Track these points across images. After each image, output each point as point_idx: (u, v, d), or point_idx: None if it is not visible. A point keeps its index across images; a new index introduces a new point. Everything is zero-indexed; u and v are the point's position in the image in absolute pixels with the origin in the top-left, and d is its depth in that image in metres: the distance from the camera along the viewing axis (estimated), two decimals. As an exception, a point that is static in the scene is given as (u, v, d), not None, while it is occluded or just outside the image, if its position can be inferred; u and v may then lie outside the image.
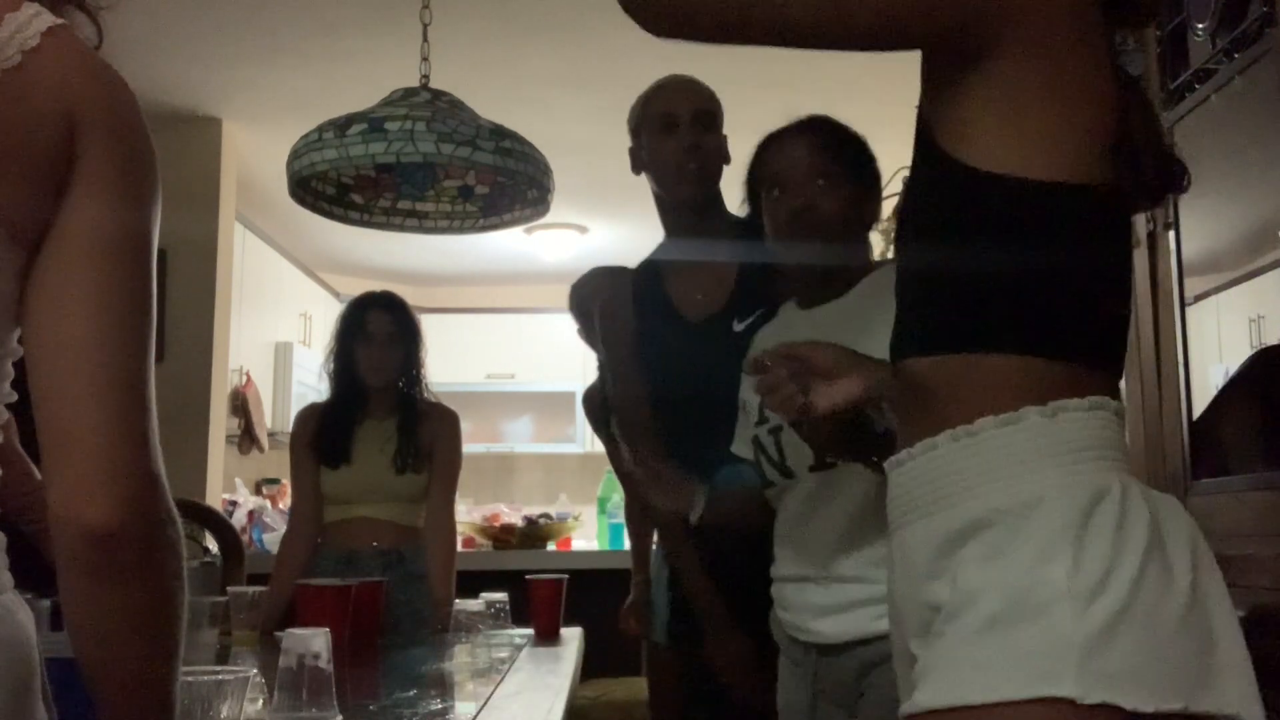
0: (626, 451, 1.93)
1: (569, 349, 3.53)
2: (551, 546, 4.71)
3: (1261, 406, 2.19)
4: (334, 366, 3.09)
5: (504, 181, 2.81)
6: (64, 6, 0.92)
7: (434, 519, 3.02)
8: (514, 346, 6.98)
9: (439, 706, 1.78)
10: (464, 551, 3.90)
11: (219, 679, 1.22)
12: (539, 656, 2.40)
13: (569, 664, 2.27)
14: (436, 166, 2.82)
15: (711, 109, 2.22)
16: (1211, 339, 2.36)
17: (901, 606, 1.14)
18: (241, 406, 5.26)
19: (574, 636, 2.69)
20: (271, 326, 5.83)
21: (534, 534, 4.56)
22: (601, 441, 3.33)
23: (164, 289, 4.08)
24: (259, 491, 5.71)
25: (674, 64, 2.28)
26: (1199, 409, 2.33)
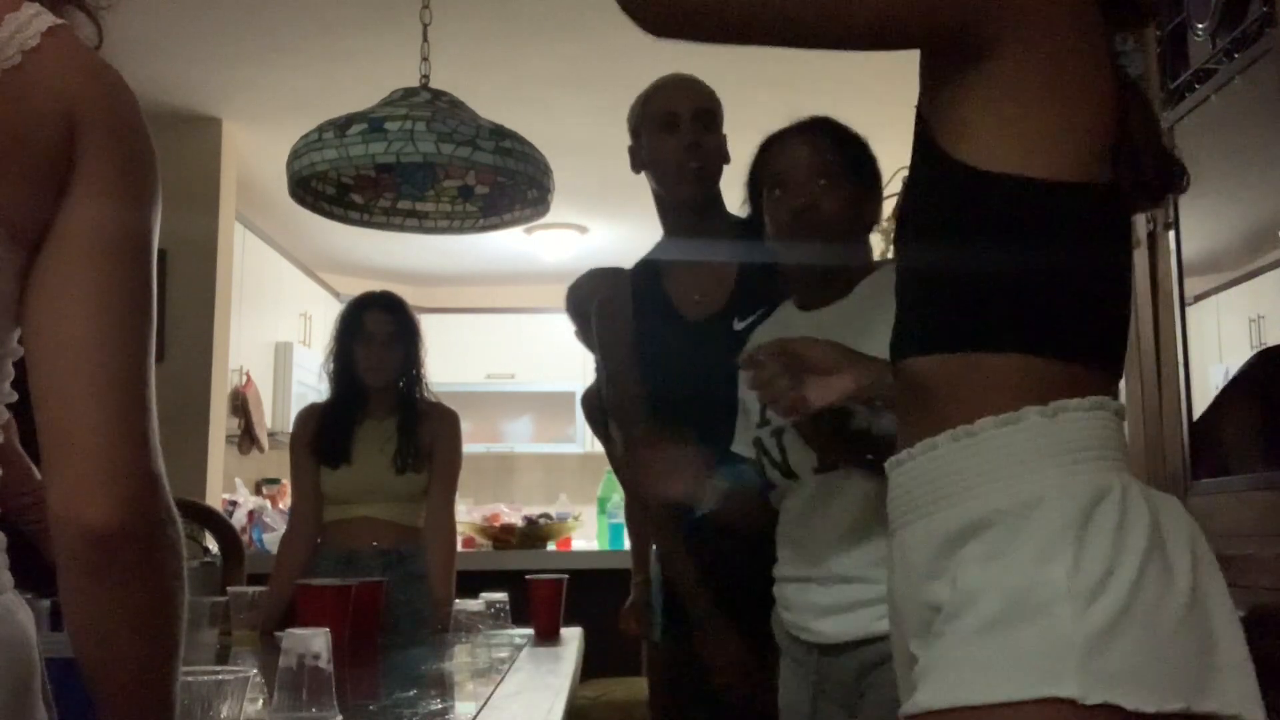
0: (639, 437, 1.89)
1: (569, 349, 3.53)
2: (551, 546, 4.72)
3: (1263, 407, 2.19)
4: (333, 367, 3.09)
5: (504, 181, 2.81)
6: (64, 6, 0.92)
7: (434, 519, 3.02)
8: (514, 346, 6.98)
9: (439, 706, 1.78)
10: (464, 551, 3.91)
11: (219, 679, 1.22)
12: (539, 656, 2.40)
13: (569, 664, 2.27)
14: (436, 166, 2.82)
15: (712, 107, 2.22)
16: (1211, 339, 2.36)
17: (901, 606, 1.14)
18: (241, 406, 5.26)
19: (574, 636, 2.68)
20: (271, 326, 5.83)
21: (534, 534, 4.57)
22: (600, 442, 3.33)
23: (164, 289, 4.08)
24: (259, 491, 5.71)
25: (674, 63, 2.29)
26: (1199, 409, 2.33)
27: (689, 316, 2.18)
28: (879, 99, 3.21)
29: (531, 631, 2.67)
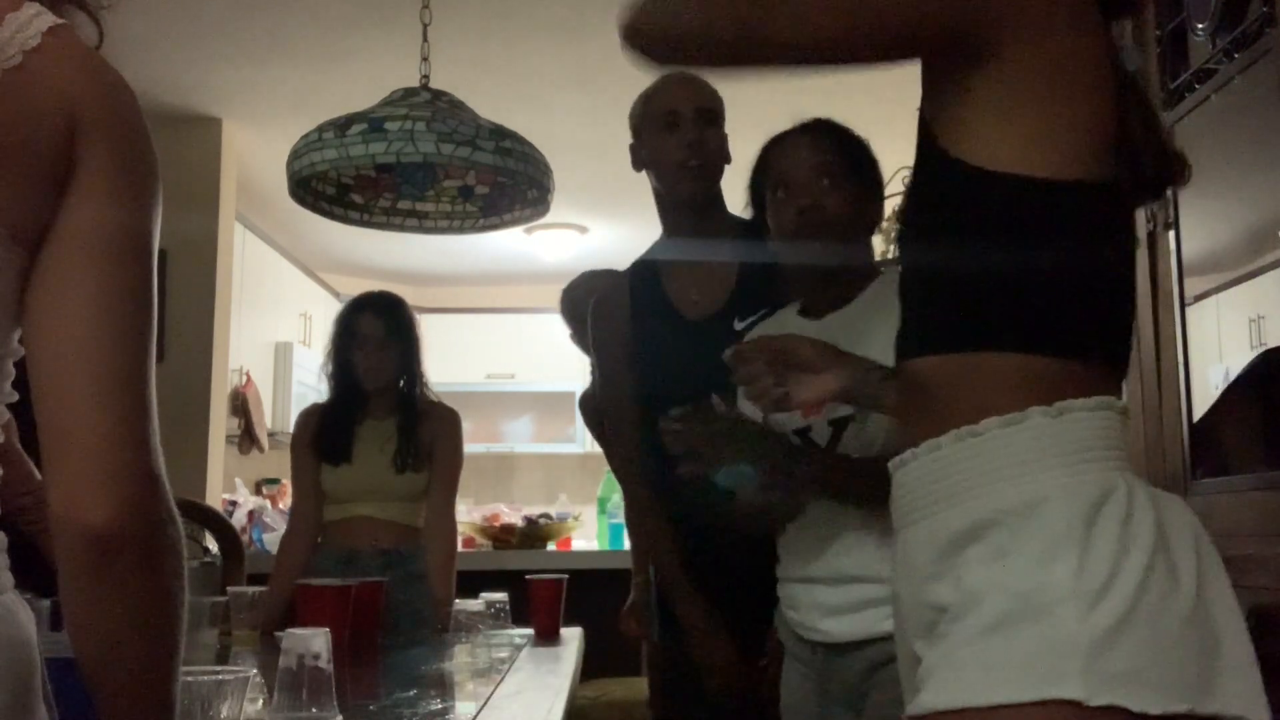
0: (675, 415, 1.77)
1: (569, 349, 3.53)
2: (551, 546, 4.71)
3: (1265, 407, 2.19)
4: (331, 369, 3.09)
5: (504, 181, 2.81)
6: (65, 6, 0.92)
7: (434, 518, 3.02)
8: (514, 346, 6.98)
9: (439, 706, 1.77)
10: (464, 551, 3.90)
11: (219, 679, 1.22)
12: (539, 656, 2.40)
13: (569, 664, 2.27)
14: (436, 166, 2.82)
15: (714, 106, 2.22)
16: (1211, 339, 2.36)
17: (905, 606, 1.14)
18: (241, 406, 5.26)
19: (574, 636, 2.68)
20: (271, 326, 5.83)
21: (534, 534, 4.56)
22: (599, 444, 3.33)
23: (164, 289, 4.08)
24: (259, 491, 5.71)
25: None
26: (1199, 409, 2.33)
27: (688, 316, 2.18)
28: (879, 99, 3.21)
29: (531, 631, 2.67)
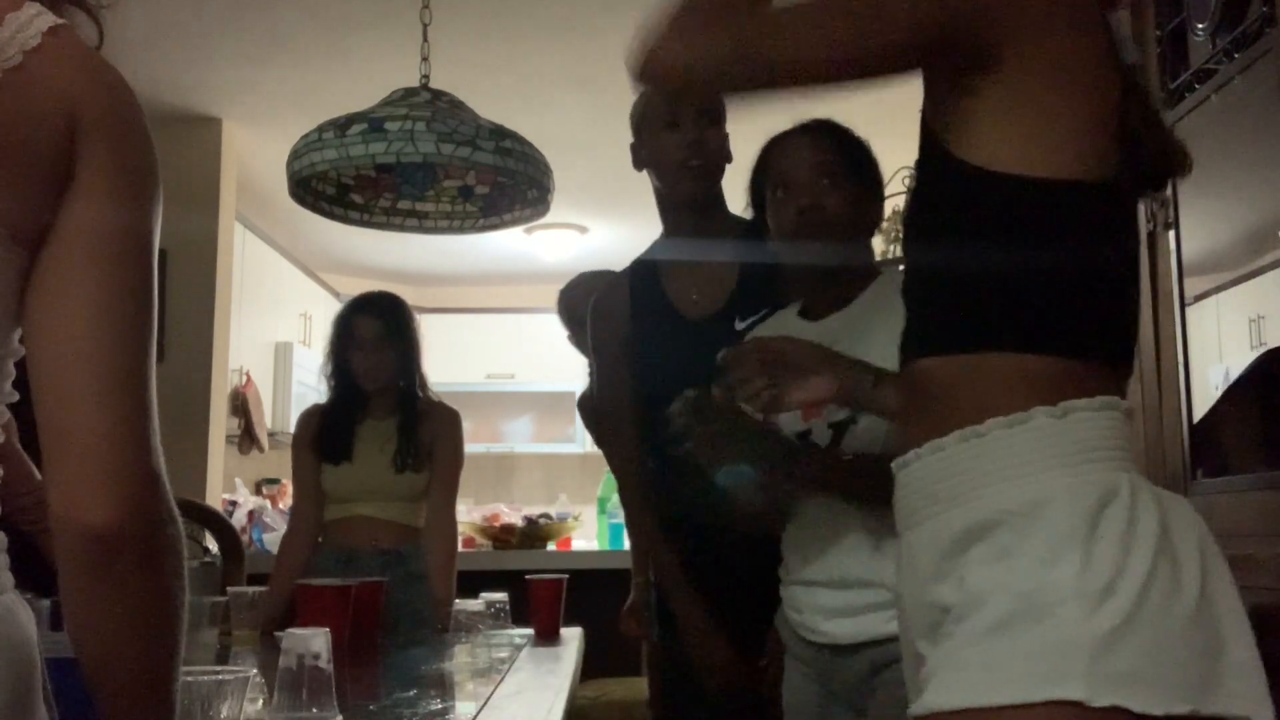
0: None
1: (569, 349, 3.53)
2: (551, 546, 4.71)
3: (1266, 407, 2.19)
4: (330, 371, 3.10)
5: (504, 181, 2.81)
6: (65, 6, 0.92)
7: (435, 518, 3.02)
8: (514, 346, 6.98)
9: (439, 706, 1.77)
10: (464, 551, 3.91)
11: (219, 679, 1.22)
12: (539, 656, 2.40)
13: (569, 664, 2.27)
14: (436, 166, 2.82)
15: (715, 106, 2.22)
16: (1211, 339, 2.36)
17: (909, 607, 1.14)
18: (241, 406, 5.26)
19: (574, 636, 2.68)
20: (271, 326, 5.83)
21: (534, 534, 4.56)
22: (597, 445, 3.33)
23: (164, 289, 4.08)
24: (259, 491, 5.71)
25: (674, 64, 2.28)
26: (1199, 409, 2.33)
27: (689, 316, 2.18)
28: (879, 99, 3.19)
29: (531, 631, 2.67)
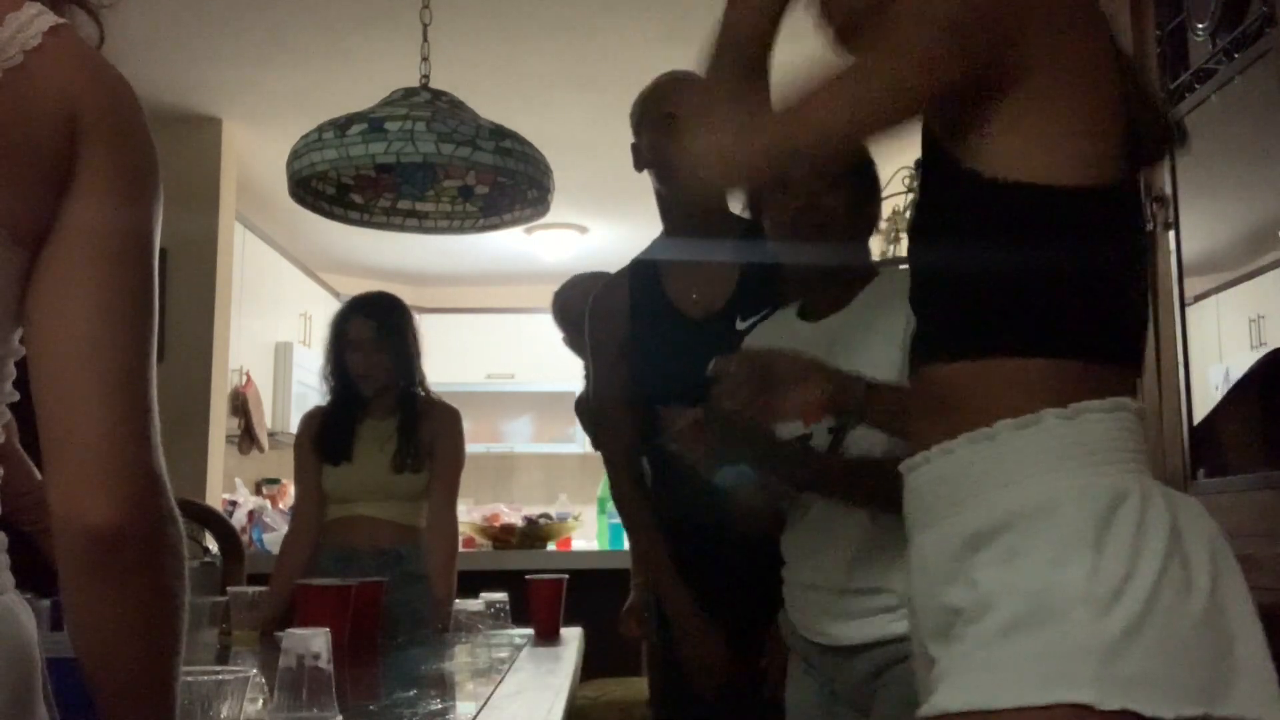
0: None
1: (569, 350, 3.53)
2: (551, 546, 4.71)
3: (1267, 407, 2.19)
4: (328, 373, 3.12)
5: (504, 181, 2.81)
6: (65, 6, 0.92)
7: (435, 518, 3.02)
8: (514, 346, 6.98)
9: (439, 706, 1.77)
10: (464, 551, 3.90)
11: (219, 679, 1.22)
12: (539, 656, 2.40)
13: (569, 664, 2.27)
14: (436, 166, 2.82)
15: None
16: (1211, 339, 2.36)
17: (920, 609, 1.14)
18: (241, 406, 5.26)
19: (574, 636, 2.68)
20: (271, 326, 5.83)
21: (534, 534, 4.56)
22: (594, 446, 3.33)
23: (164, 289, 4.07)
24: (259, 491, 5.71)
25: (675, 63, 2.28)
26: (1199, 409, 2.33)
27: (689, 315, 2.18)
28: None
29: (531, 631, 2.67)
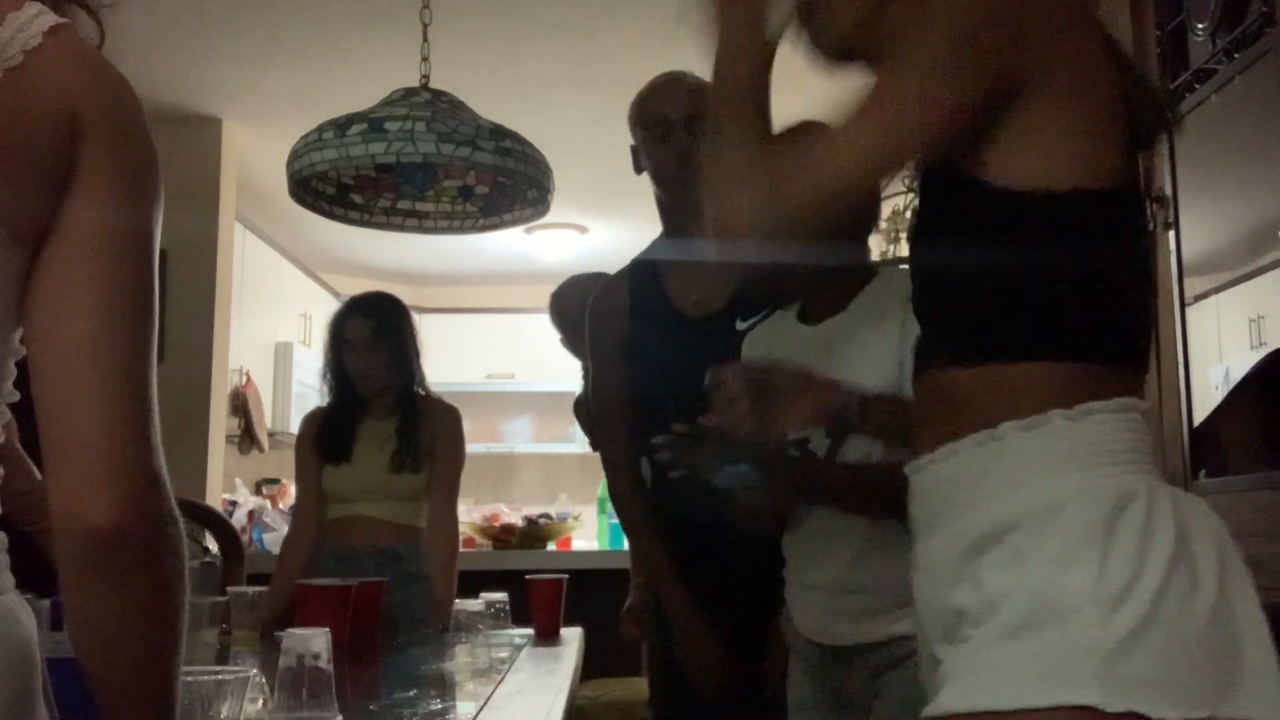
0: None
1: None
2: (551, 546, 4.71)
3: (1267, 407, 2.19)
4: (327, 373, 3.12)
5: (504, 181, 2.81)
6: (66, 5, 0.92)
7: (436, 517, 3.02)
8: (514, 346, 6.98)
9: (439, 706, 1.77)
10: (464, 551, 3.90)
11: (219, 679, 1.22)
12: (539, 656, 2.40)
13: (569, 664, 2.27)
14: (436, 166, 2.82)
15: (704, 110, 2.20)
16: (1211, 339, 2.36)
17: (926, 611, 1.13)
18: (241, 406, 5.26)
19: (574, 636, 2.68)
20: (271, 326, 5.83)
21: (534, 534, 4.57)
22: (592, 447, 3.33)
23: (164, 289, 4.08)
24: (259, 491, 5.71)
25: (675, 63, 2.28)
26: (1199, 408, 2.33)
27: (689, 315, 2.18)
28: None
29: (531, 631, 2.67)
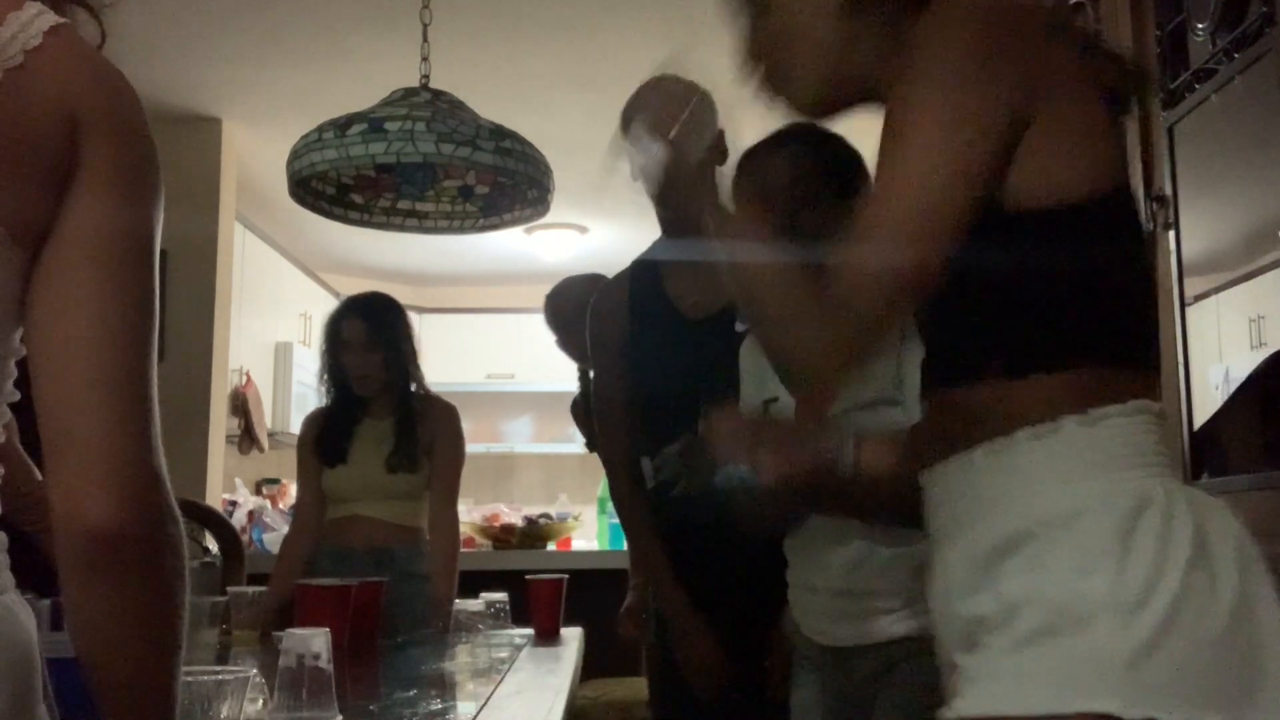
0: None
1: (566, 351, 3.53)
2: (551, 546, 4.72)
3: (1267, 407, 2.19)
4: (325, 375, 3.13)
5: (504, 181, 2.81)
6: (66, 5, 0.91)
7: (436, 516, 3.03)
8: (514, 346, 6.97)
9: (439, 706, 1.78)
10: (464, 551, 3.90)
11: (219, 679, 1.22)
12: (539, 656, 2.40)
13: (569, 664, 2.27)
14: (436, 166, 2.82)
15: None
16: (1211, 339, 2.36)
17: (943, 620, 1.13)
18: (241, 406, 5.26)
19: (574, 636, 2.69)
20: (271, 326, 5.83)
21: (534, 534, 4.57)
22: (588, 448, 3.33)
23: (164, 289, 4.07)
24: (259, 491, 5.71)
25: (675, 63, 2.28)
26: (1199, 409, 2.33)
27: (690, 316, 2.18)
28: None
29: (531, 631, 2.67)
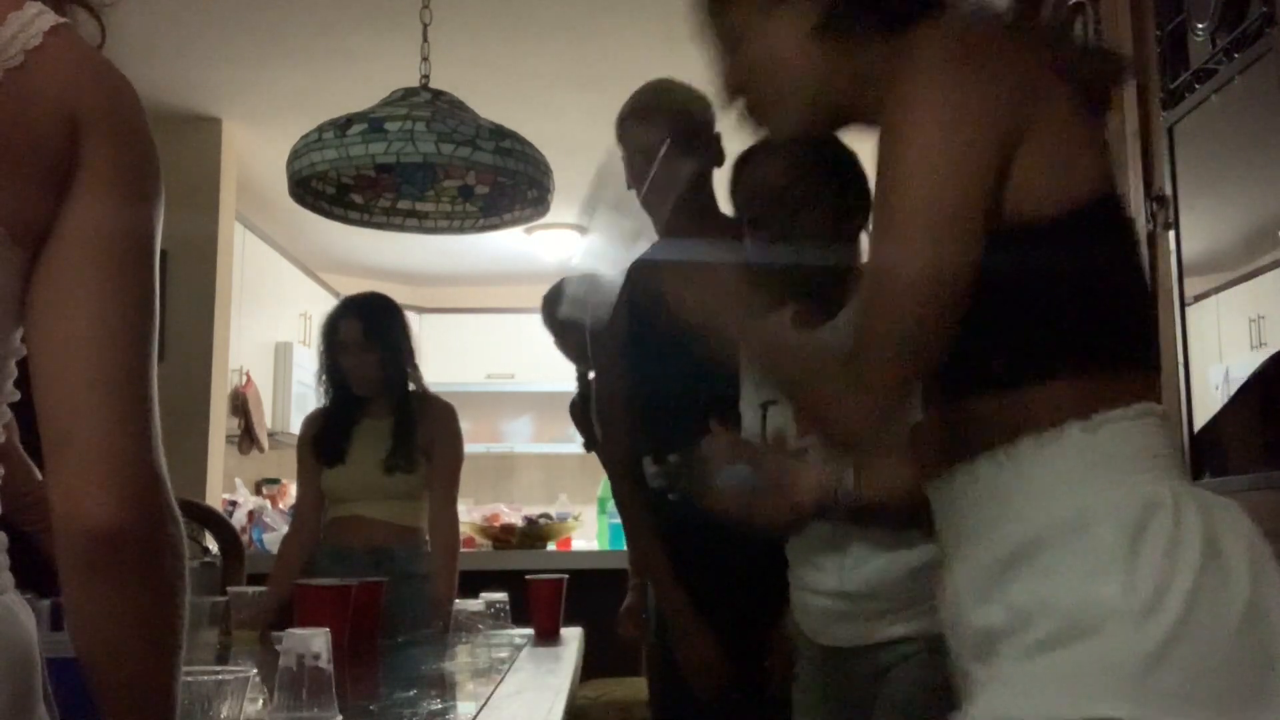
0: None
1: (567, 351, 3.54)
2: (551, 546, 4.72)
3: (1267, 408, 2.18)
4: (323, 375, 3.13)
5: (504, 181, 2.82)
6: (67, 5, 0.91)
7: (436, 515, 3.04)
8: (514, 346, 6.97)
9: (439, 706, 1.78)
10: (464, 551, 3.90)
11: (219, 679, 1.22)
12: (539, 656, 2.40)
13: (569, 664, 2.27)
14: (436, 166, 2.82)
15: (688, 130, 2.19)
16: (1211, 339, 2.36)
17: (955, 630, 1.12)
18: (241, 406, 5.26)
19: (574, 636, 2.69)
20: (271, 326, 5.83)
21: (534, 534, 4.57)
22: (587, 448, 3.33)
23: (164, 289, 4.06)
24: (259, 491, 5.71)
25: (675, 63, 2.28)
26: (1199, 409, 2.33)
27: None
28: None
29: (531, 631, 2.67)
